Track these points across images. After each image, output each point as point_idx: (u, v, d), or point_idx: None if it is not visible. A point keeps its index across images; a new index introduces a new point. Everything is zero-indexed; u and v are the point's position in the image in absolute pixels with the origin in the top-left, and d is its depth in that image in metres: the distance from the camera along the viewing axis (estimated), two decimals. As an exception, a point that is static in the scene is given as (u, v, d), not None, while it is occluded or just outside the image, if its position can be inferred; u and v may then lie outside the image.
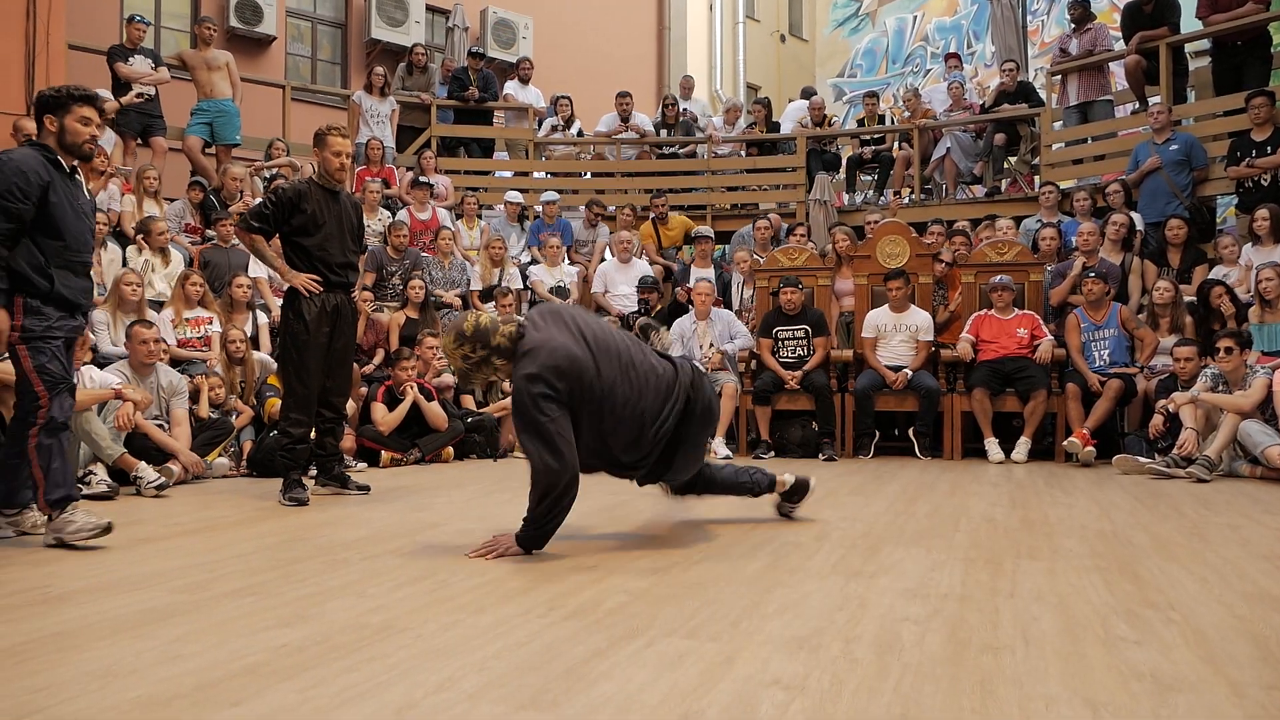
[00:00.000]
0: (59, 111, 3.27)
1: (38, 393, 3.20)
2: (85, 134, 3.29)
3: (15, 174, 3.12)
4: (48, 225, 3.20)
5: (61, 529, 3.16)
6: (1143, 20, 8.26)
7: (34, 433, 3.18)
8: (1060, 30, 11.65)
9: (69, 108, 3.27)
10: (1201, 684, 1.78)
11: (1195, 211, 7.49)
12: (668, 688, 1.75)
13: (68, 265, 3.27)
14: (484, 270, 8.10)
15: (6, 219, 3.10)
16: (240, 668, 1.85)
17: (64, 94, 3.30)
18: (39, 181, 3.16)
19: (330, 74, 11.78)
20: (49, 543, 3.18)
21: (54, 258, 3.22)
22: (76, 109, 3.27)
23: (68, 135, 3.28)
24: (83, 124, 3.29)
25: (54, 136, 3.28)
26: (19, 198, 3.11)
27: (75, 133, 3.28)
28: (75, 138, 3.28)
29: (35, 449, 3.18)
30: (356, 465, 5.55)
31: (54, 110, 3.28)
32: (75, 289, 3.30)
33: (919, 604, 2.37)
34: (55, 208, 3.21)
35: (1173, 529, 3.54)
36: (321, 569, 2.78)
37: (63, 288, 3.24)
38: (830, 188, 9.59)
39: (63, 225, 3.23)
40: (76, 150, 3.31)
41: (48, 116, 3.28)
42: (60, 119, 3.27)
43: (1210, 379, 5.42)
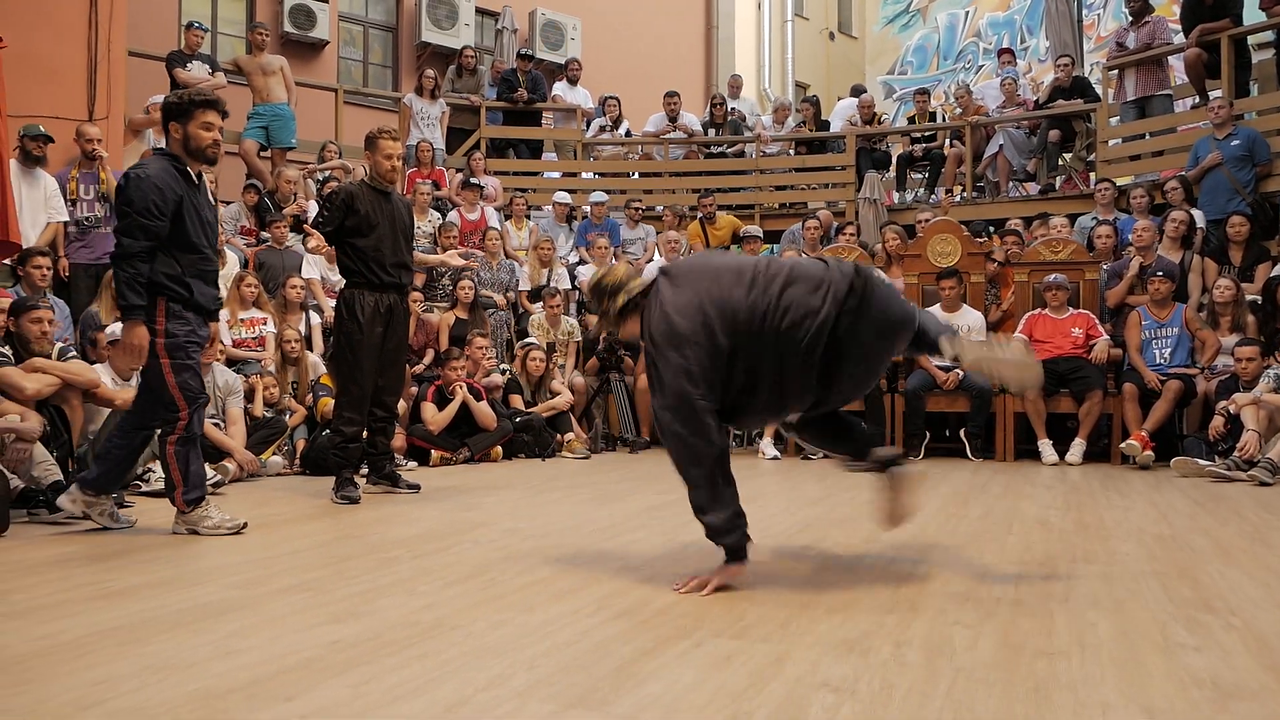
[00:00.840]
0: (183, 118, 3.31)
1: (178, 405, 3.33)
2: (209, 139, 3.33)
3: (153, 190, 3.19)
4: (181, 237, 3.27)
5: (197, 523, 3.35)
6: (1204, 13, 8.05)
7: (171, 440, 3.35)
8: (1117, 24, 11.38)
9: (192, 114, 3.31)
10: (1263, 691, 1.73)
11: (1258, 208, 7.28)
12: (716, 688, 1.75)
13: (200, 274, 3.36)
14: (532, 271, 8.16)
15: (146, 236, 3.19)
16: (293, 663, 1.89)
17: (186, 100, 3.33)
18: (174, 196, 3.23)
19: (382, 77, 11.95)
20: (179, 531, 3.37)
21: (188, 268, 3.30)
22: (199, 114, 3.31)
23: (192, 141, 3.32)
24: (205, 129, 3.32)
25: (179, 143, 3.33)
26: (157, 215, 3.19)
27: (199, 138, 3.32)
28: (199, 143, 3.32)
29: (174, 455, 3.35)
30: (407, 464, 5.62)
31: (178, 117, 3.32)
32: (208, 297, 3.39)
33: (971, 608, 2.34)
34: (187, 218, 3.28)
35: (1233, 533, 3.45)
36: (373, 566, 2.82)
37: (200, 296, 3.34)
38: (880, 186, 9.49)
39: (194, 235, 3.31)
40: (201, 155, 3.36)
41: (173, 124, 3.33)
42: (184, 126, 3.31)
43: (1273, 380, 5.27)
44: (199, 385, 3.39)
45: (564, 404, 6.75)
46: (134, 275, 3.19)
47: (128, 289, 3.19)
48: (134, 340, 3.23)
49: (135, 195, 3.19)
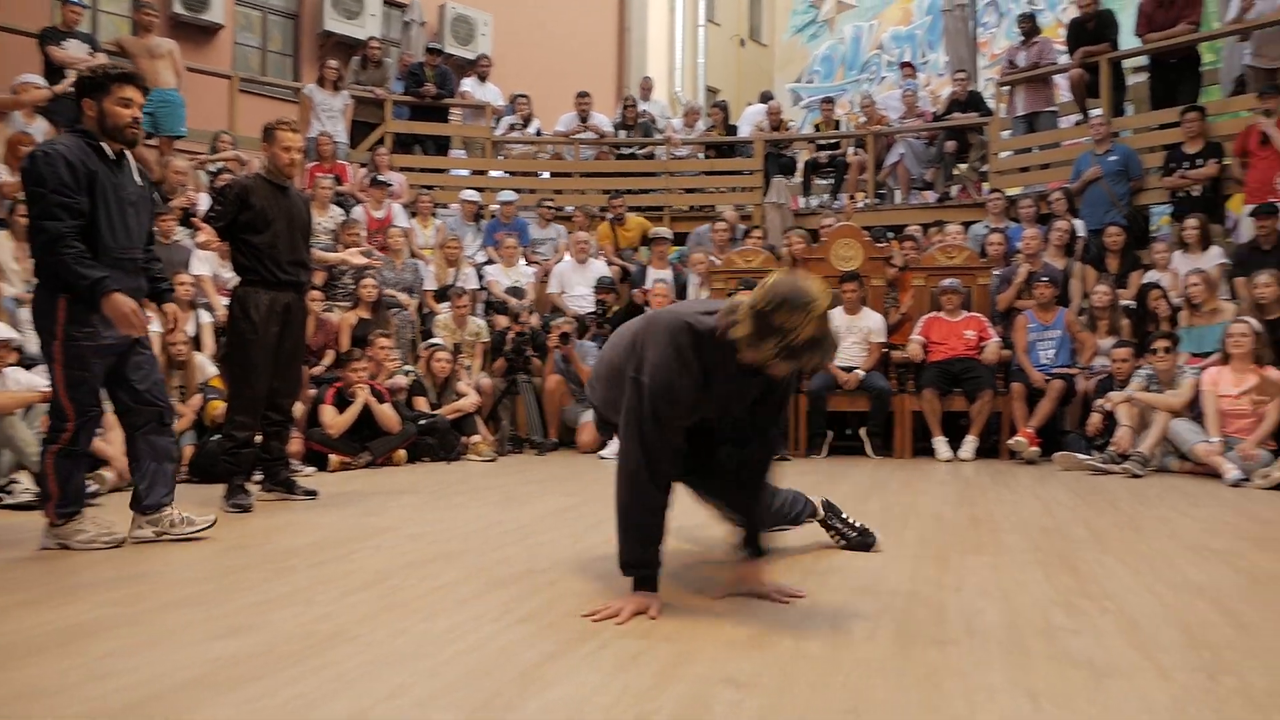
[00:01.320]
0: (97, 94, 3.07)
1: (67, 415, 3.08)
2: (127, 116, 3.09)
3: (63, 165, 2.95)
4: (93, 219, 3.01)
5: (69, 537, 3.12)
6: (1085, 36, 8.51)
7: (54, 450, 3.10)
8: (1009, 43, 11.87)
9: (109, 89, 3.07)
10: (1133, 670, 1.85)
11: (1132, 219, 7.72)
12: (621, 689, 1.76)
13: (116, 263, 3.06)
14: (439, 270, 8.04)
15: (70, 214, 2.94)
16: (177, 682, 1.80)
17: (100, 74, 3.09)
18: (85, 173, 2.98)
19: (281, 66, 11.58)
20: (49, 545, 3.14)
21: (102, 255, 3.03)
22: (117, 90, 3.07)
23: (109, 119, 3.08)
24: (124, 106, 3.09)
25: (95, 121, 3.08)
26: (73, 190, 2.95)
27: (117, 116, 3.08)
28: (117, 120, 3.08)
29: (53, 466, 3.10)
30: (304, 469, 5.45)
31: (93, 93, 3.08)
32: (125, 289, 3.05)
33: (869, 600, 2.41)
34: (100, 200, 3.02)
35: (1109, 523, 3.65)
36: (266, 577, 2.73)
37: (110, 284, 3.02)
38: (786, 191, 9.68)
39: (108, 219, 3.05)
40: (119, 135, 3.11)
41: (87, 100, 3.07)
42: (100, 102, 3.07)
43: (1144, 379, 5.62)
44: (93, 399, 3.12)
45: (470, 406, 6.66)
46: (78, 254, 2.94)
47: (79, 267, 2.94)
48: (116, 310, 2.99)
49: (46, 173, 2.94)
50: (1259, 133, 6.89)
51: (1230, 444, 5.12)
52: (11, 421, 4.20)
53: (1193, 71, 8.18)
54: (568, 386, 7.14)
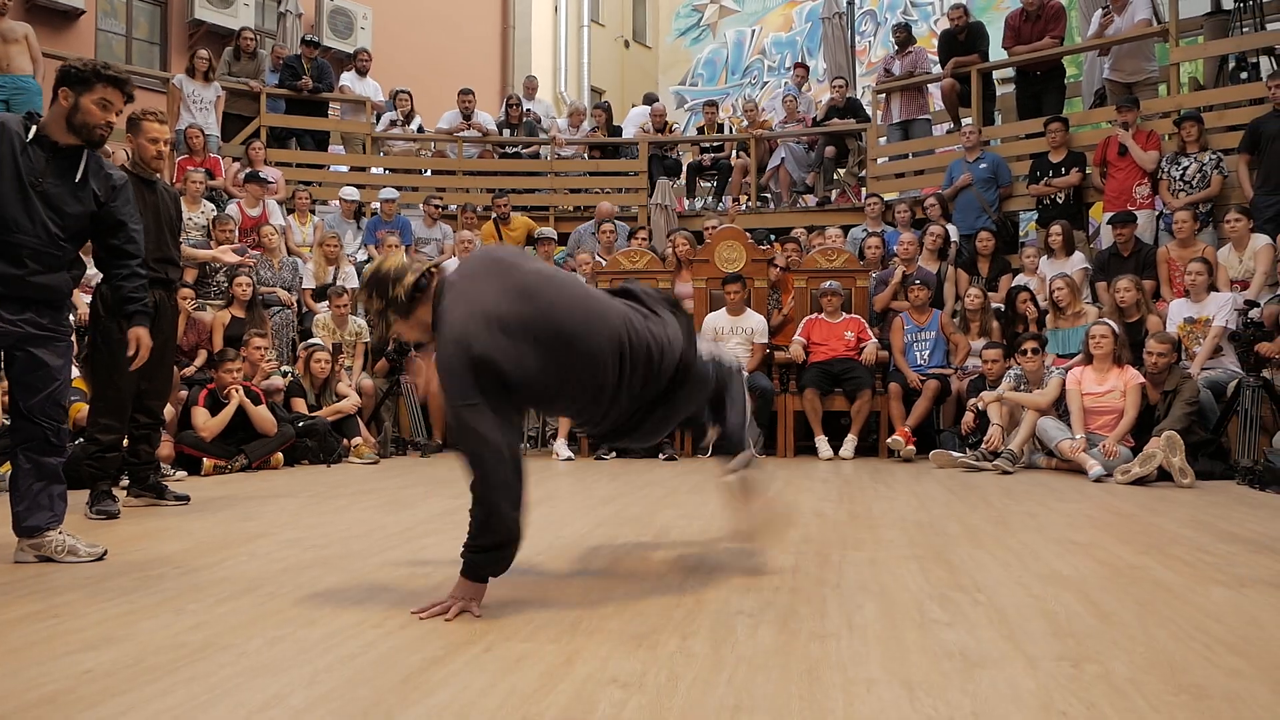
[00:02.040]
0: (78, 87, 2.91)
1: None
2: (100, 118, 2.93)
3: None
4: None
5: None
6: (956, 47, 8.91)
7: None
8: (885, 51, 12.33)
9: (92, 85, 2.91)
10: (1003, 659, 1.93)
11: (1001, 225, 8.13)
12: (506, 691, 1.74)
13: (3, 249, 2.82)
14: (317, 268, 7.79)
15: None
16: (35, 698, 1.70)
17: (89, 70, 2.93)
18: None
19: (148, 54, 11.01)
20: None
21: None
22: (100, 89, 2.92)
23: (79, 114, 2.91)
24: (101, 107, 2.93)
25: (64, 112, 2.91)
26: None
27: (90, 114, 2.91)
28: (88, 118, 2.92)
29: None
30: (175, 474, 5.21)
31: (72, 85, 2.92)
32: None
33: (753, 597, 2.46)
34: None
35: (981, 518, 3.82)
36: (133, 586, 2.59)
37: None
38: (671, 193, 9.78)
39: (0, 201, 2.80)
40: (85, 133, 2.94)
41: (63, 90, 2.91)
42: (77, 96, 2.91)
43: (1014, 379, 5.90)
44: None
45: (351, 407, 6.48)
46: None
47: None
48: None
49: None
50: (1117, 144, 7.33)
51: (1093, 441, 5.42)
52: None
53: (1057, 84, 8.65)
54: (454, 387, 7.02)
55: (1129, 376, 5.48)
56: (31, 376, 2.95)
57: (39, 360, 2.95)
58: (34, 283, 2.91)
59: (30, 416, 2.95)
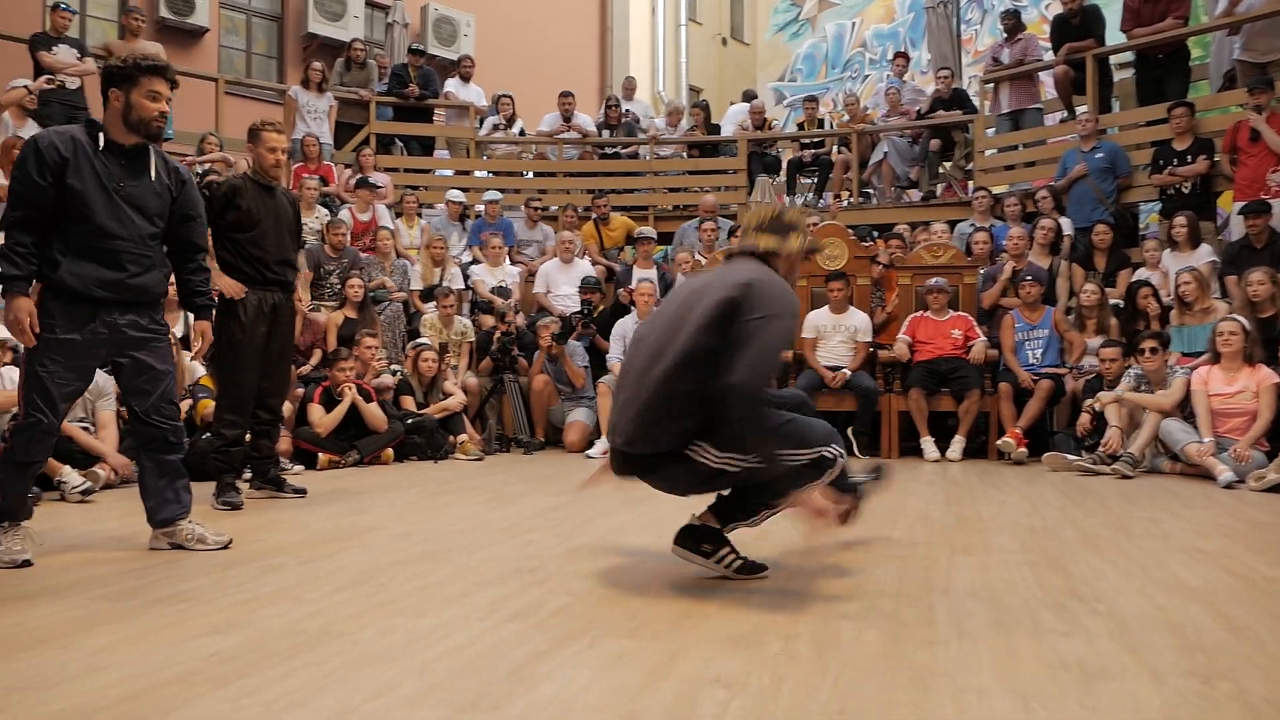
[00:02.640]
0: (125, 85, 2.97)
1: (17, 415, 2.93)
2: (154, 110, 2.99)
3: (31, 154, 2.87)
4: (67, 208, 2.88)
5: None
6: (1070, 32, 8.53)
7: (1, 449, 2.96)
8: (993, 40, 11.93)
9: (137, 80, 2.97)
10: (1124, 672, 1.84)
11: (1119, 217, 7.74)
12: (609, 688, 1.75)
13: (90, 253, 2.90)
14: (424, 270, 8.01)
15: (21, 204, 2.85)
16: (169, 677, 1.80)
17: (130, 65, 2.99)
18: (56, 159, 2.86)
19: (266, 68, 11.53)
20: None
21: (72, 241, 2.89)
22: (146, 82, 2.98)
23: (134, 111, 2.97)
24: (152, 99, 2.99)
25: (119, 113, 2.98)
26: (27, 179, 2.85)
27: (143, 108, 2.98)
28: (143, 113, 2.98)
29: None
30: (293, 468, 5.44)
31: (119, 84, 2.98)
32: (89, 279, 2.90)
33: (857, 601, 2.41)
34: (74, 188, 2.88)
35: (1098, 524, 3.66)
36: (256, 574, 2.72)
37: (70, 277, 2.88)
38: (771, 190, 9.69)
39: (88, 208, 2.91)
40: (144, 129, 3.00)
41: (113, 90, 2.98)
42: (126, 93, 2.97)
43: (1134, 379, 5.62)
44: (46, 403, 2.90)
45: (457, 405, 6.64)
46: (11, 244, 2.84)
47: (4, 260, 2.84)
48: (7, 314, 2.88)
49: (19, 161, 2.88)
50: (1249, 128, 6.86)
51: (1223, 445, 5.11)
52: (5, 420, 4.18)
53: (1181, 67, 8.19)
54: (555, 386, 7.13)
55: (1262, 376, 5.15)
56: (140, 381, 3.06)
57: (145, 364, 3.06)
58: (133, 285, 3.00)
59: (147, 419, 3.07)
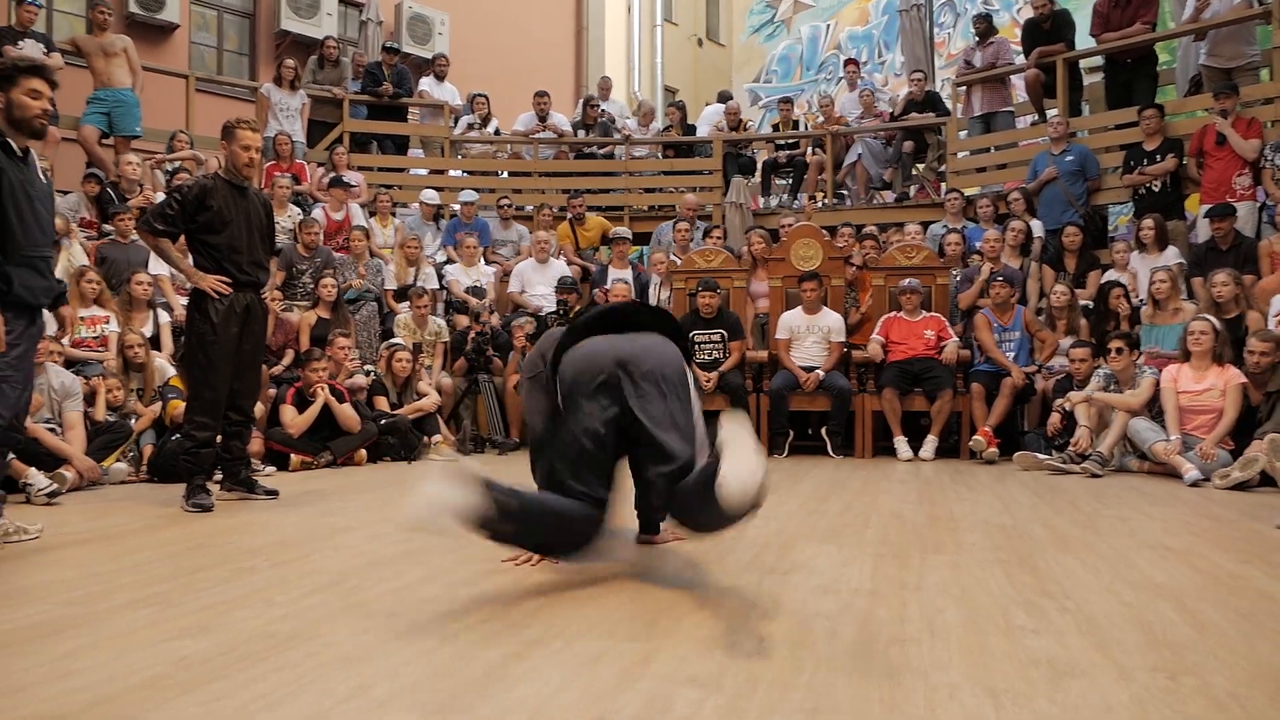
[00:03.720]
0: (4, 85, 3.03)
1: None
2: (36, 108, 3.04)
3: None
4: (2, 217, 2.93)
5: None
6: (1041, 36, 8.63)
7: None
8: (965, 43, 12.05)
9: (16, 80, 3.02)
10: (1093, 669, 1.87)
11: (1089, 219, 7.84)
12: (584, 688, 1.75)
13: (27, 262, 2.98)
14: (399, 269, 7.96)
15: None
16: (138, 682, 1.78)
17: (8, 66, 3.04)
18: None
19: (237, 65, 11.41)
20: None
21: (12, 254, 2.95)
22: (24, 81, 3.03)
23: (16, 110, 3.02)
24: (32, 97, 3.03)
25: (2, 114, 3.03)
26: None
27: (25, 107, 3.02)
28: (25, 112, 3.03)
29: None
30: (264, 469, 5.39)
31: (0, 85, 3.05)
32: (35, 289, 3.01)
33: (830, 599, 2.43)
34: (6, 196, 2.93)
35: (1068, 522, 3.70)
36: (227, 577, 2.69)
37: (22, 289, 2.98)
38: (746, 191, 9.72)
39: (19, 216, 2.93)
40: (27, 127, 3.05)
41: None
42: (7, 93, 3.01)
43: (1103, 379, 5.69)
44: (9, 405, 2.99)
45: (431, 405, 6.61)
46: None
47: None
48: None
49: None
50: (1215, 132, 6.98)
51: (1189, 443, 5.18)
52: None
53: (1149, 71, 8.30)
54: (530, 386, 7.10)
55: (1229, 375, 5.23)
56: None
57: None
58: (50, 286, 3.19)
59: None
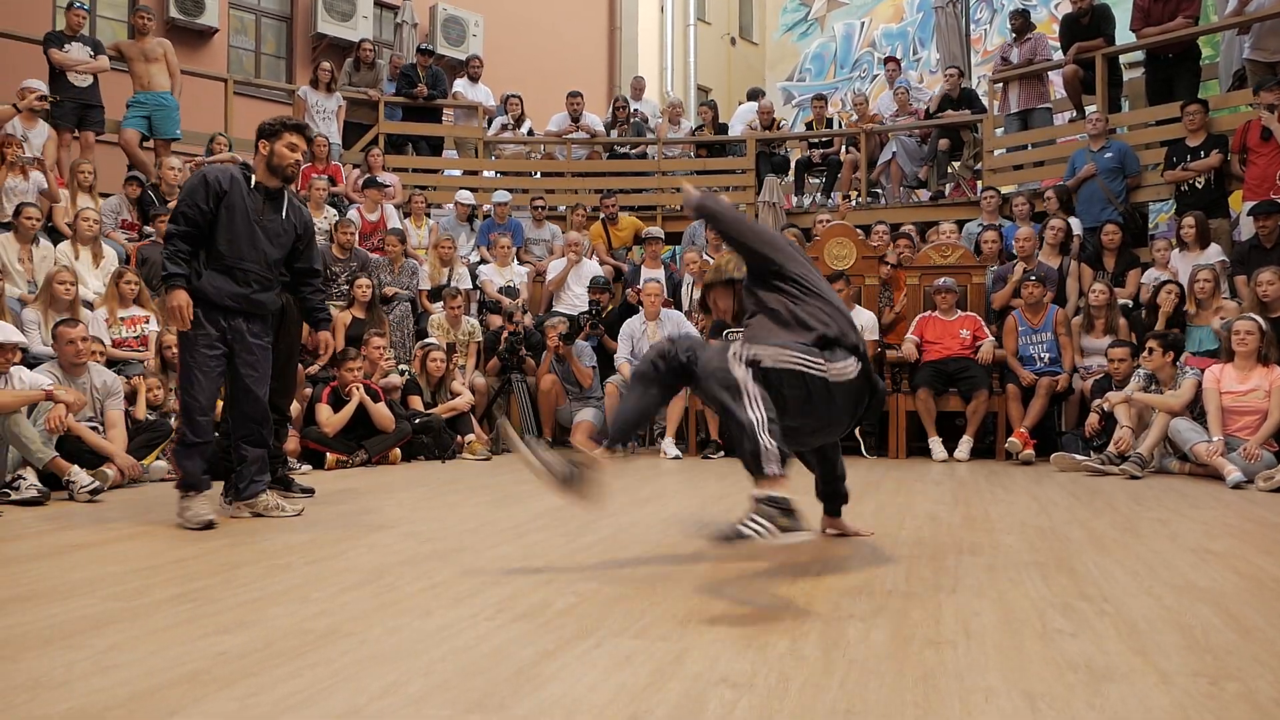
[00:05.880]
0: (271, 139, 3.70)
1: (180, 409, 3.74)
2: (291, 159, 3.71)
3: (200, 183, 3.58)
4: (213, 231, 3.59)
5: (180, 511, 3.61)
6: (1080, 31, 8.49)
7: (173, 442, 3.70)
8: (1002, 39, 11.89)
9: (280, 134, 3.70)
10: (1132, 673, 1.84)
11: (1129, 217, 7.71)
12: (616, 687, 1.75)
13: (226, 270, 3.60)
14: (432, 270, 8.02)
15: (185, 221, 3.55)
16: (177, 676, 1.81)
17: (276, 124, 3.74)
18: (217, 190, 3.57)
19: (275, 68, 11.57)
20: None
21: (213, 261, 3.60)
22: (286, 136, 3.70)
23: (274, 159, 3.70)
24: (289, 149, 3.70)
25: (263, 159, 3.71)
26: (193, 202, 3.55)
27: (281, 156, 3.69)
28: (280, 160, 3.70)
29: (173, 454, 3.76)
30: (301, 467, 5.46)
31: (267, 137, 3.71)
32: (222, 291, 3.60)
33: (864, 601, 2.41)
34: (224, 216, 3.57)
35: (1106, 524, 3.64)
36: (263, 574, 2.73)
37: (208, 286, 3.58)
38: (779, 190, 9.68)
39: (228, 232, 3.59)
40: (280, 172, 3.72)
41: (261, 142, 3.72)
42: (271, 144, 3.69)
43: (1143, 379, 5.59)
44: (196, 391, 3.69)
45: (464, 405, 6.66)
46: (174, 251, 3.54)
47: (167, 261, 3.54)
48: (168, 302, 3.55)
49: (185, 186, 3.65)
50: (1259, 127, 6.82)
51: (1232, 444, 5.08)
52: (16, 419, 4.22)
53: (1191, 66, 8.14)
54: (562, 386, 7.14)
55: (1275, 376, 5.13)
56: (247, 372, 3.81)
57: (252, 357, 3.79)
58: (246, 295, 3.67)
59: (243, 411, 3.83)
